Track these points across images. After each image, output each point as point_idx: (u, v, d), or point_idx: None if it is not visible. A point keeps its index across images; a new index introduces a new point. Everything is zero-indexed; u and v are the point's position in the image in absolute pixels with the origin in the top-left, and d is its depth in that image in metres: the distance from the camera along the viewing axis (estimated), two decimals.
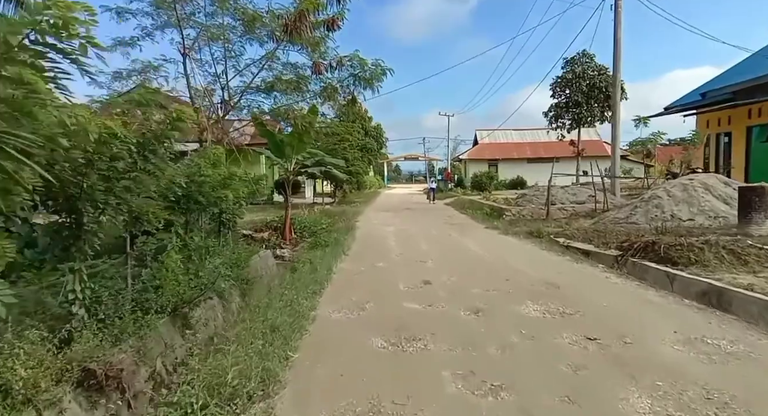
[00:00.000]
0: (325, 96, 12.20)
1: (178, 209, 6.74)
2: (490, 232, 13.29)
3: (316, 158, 14.95)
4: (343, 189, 30.99)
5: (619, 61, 18.35)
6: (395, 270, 8.11)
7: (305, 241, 14.61)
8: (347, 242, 11.24)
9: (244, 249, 8.87)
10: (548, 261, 8.82)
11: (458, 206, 22.97)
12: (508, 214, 17.21)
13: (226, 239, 8.73)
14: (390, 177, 77.03)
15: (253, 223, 15.88)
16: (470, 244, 10.86)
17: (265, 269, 9.68)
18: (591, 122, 34.18)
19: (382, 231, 13.93)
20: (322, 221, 17.24)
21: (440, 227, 14.67)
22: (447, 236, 12.56)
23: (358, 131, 27.70)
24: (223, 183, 7.47)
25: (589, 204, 17.58)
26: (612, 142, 18.77)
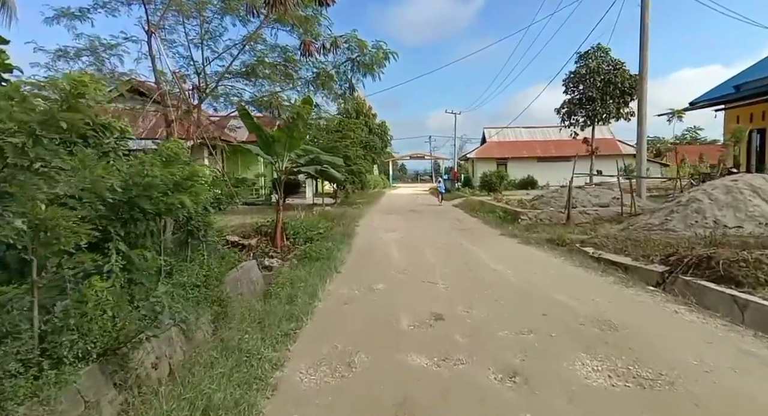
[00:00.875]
0: (318, 84, 10.47)
1: (116, 220, 5.04)
2: (507, 240, 11.51)
3: (310, 156, 13.28)
4: (345, 189, 29.30)
5: (645, 49, 16.49)
6: (397, 296, 6.36)
7: (298, 248, 12.95)
8: (342, 254, 9.50)
9: (220, 262, 7.17)
10: (586, 283, 7.04)
11: (468, 208, 21.18)
12: (524, 218, 15.44)
13: (198, 251, 7.05)
14: (395, 176, 75.28)
15: (244, 227, 14.25)
16: (486, 257, 9.09)
17: (247, 283, 8.13)
18: (606, 119, 32.28)
19: (384, 238, 12.19)
20: (319, 225, 15.58)
21: (449, 234, 12.91)
22: (458, 245, 10.81)
23: (361, 127, 25.96)
24: (179, 186, 5.71)
25: (614, 207, 15.77)
26: (638, 139, 16.93)
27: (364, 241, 11.71)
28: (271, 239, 12.77)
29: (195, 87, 9.26)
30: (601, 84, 31.33)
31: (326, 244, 10.40)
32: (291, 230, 13.55)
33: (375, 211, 21.69)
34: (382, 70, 10.54)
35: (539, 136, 42.24)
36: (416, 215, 19.29)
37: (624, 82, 31.03)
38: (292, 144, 12.11)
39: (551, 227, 14.54)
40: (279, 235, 12.49)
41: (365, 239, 12.13)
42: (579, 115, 32.91)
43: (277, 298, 6.12)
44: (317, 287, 6.66)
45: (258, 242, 13.06)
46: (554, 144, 40.73)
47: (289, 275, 7.39)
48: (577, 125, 33.30)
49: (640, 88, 16.70)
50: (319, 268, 8.00)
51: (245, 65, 8.96)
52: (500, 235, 12.60)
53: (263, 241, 13.21)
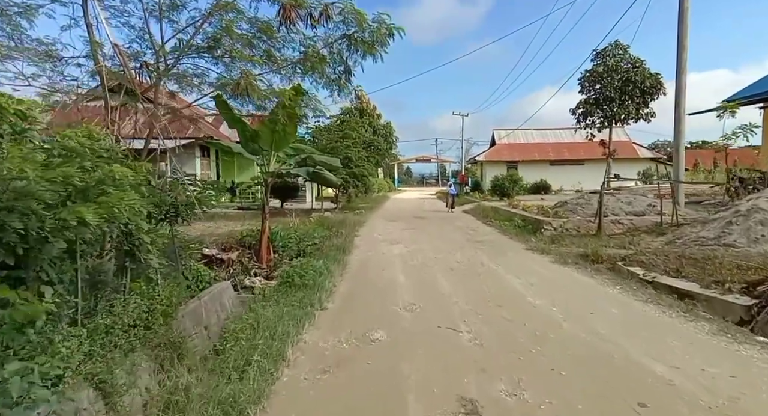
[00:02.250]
0: (307, 67, 8.39)
1: None
2: (536, 258, 9.38)
3: (302, 156, 11.23)
4: (348, 193, 27.23)
5: (684, 37, 14.34)
6: (404, 355, 4.23)
7: (287, 264, 10.89)
8: (332, 280, 7.38)
9: (175, 288, 5.12)
10: (670, 331, 4.88)
11: (480, 214, 19.02)
12: (547, 228, 13.30)
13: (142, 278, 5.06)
14: (400, 179, 73.15)
15: (231, 235, 12.20)
16: (518, 283, 6.97)
17: (217, 312, 6.23)
18: (625, 120, 30.04)
19: (386, 254, 10.07)
20: (315, 235, 13.55)
21: (464, 247, 10.78)
22: (477, 264, 8.68)
23: (364, 127, 23.89)
24: (83, 193, 3.71)
25: (650, 216, 13.62)
26: (675, 138, 14.74)
27: (363, 257, 9.60)
28: (256, 253, 10.76)
29: (144, 64, 7.18)
30: (619, 83, 29.12)
31: (316, 262, 8.31)
32: (280, 240, 11.54)
33: (378, 217, 19.58)
34: (385, 49, 8.47)
35: (551, 138, 40.01)
36: (424, 222, 17.15)
37: (644, 81, 28.81)
38: (279, 141, 10.12)
39: (580, 238, 12.47)
40: (265, 248, 10.47)
41: (364, 254, 10.02)
42: (596, 115, 30.71)
43: (224, 363, 4.01)
44: (288, 339, 4.54)
45: (240, 256, 11.03)
46: (567, 147, 38.49)
47: (256, 316, 5.27)
48: (594, 126, 31.08)
49: (678, 82, 14.54)
50: (300, 301, 5.90)
51: (209, 36, 6.90)
52: (525, 250, 10.46)
53: (246, 255, 11.18)
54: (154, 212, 6.68)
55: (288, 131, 9.87)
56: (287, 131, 9.86)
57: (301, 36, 8.14)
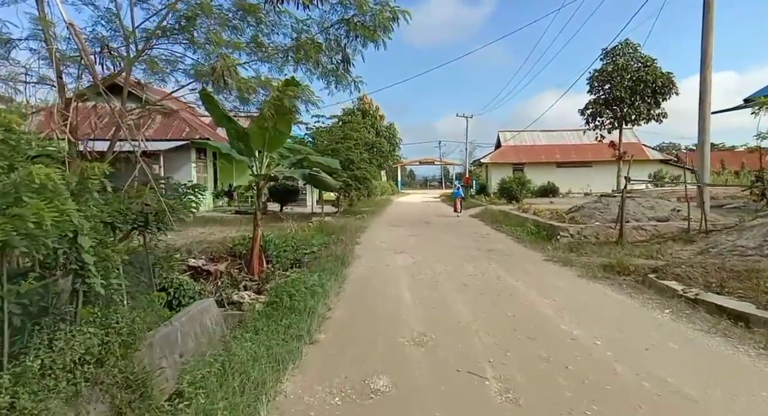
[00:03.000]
0: (299, 55, 7.32)
1: None
2: (559, 270, 8.26)
3: (297, 157, 10.16)
4: (349, 197, 26.15)
5: (710, 29, 13.22)
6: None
7: (280, 275, 9.83)
8: (329, 299, 6.26)
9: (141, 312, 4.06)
10: (752, 376, 3.79)
11: (489, 219, 17.88)
12: (563, 234, 12.19)
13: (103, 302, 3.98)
14: (404, 182, 72.02)
15: (220, 244, 11.13)
16: (546, 305, 5.85)
17: (192, 337, 5.66)
18: (635, 120, 28.88)
19: (390, 265, 8.96)
20: (313, 242, 12.48)
21: (477, 258, 9.66)
22: (494, 278, 7.56)
23: (366, 128, 22.81)
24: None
25: (675, 222, 12.48)
26: (699, 136, 13.59)
27: (364, 270, 8.48)
28: (247, 263, 9.70)
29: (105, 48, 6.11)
30: (630, 83, 27.97)
31: (310, 277, 7.22)
32: (274, 249, 10.46)
33: (381, 222, 18.47)
34: (389, 35, 7.39)
35: (558, 140, 38.83)
36: (429, 228, 16.03)
37: (656, 81, 27.66)
38: (272, 141, 9.07)
39: (600, 247, 11.37)
40: (256, 258, 9.41)
41: (365, 266, 8.91)
42: (605, 116, 29.55)
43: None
44: (264, 391, 3.43)
45: (229, 267, 9.95)
46: (574, 148, 37.32)
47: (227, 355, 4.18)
48: (603, 127, 29.92)
49: (703, 76, 13.39)
50: (286, 331, 4.80)
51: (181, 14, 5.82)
52: (544, 260, 9.34)
53: (236, 265, 10.11)
54: (118, 223, 5.62)
55: (281, 129, 8.82)
56: (280, 130, 8.81)
57: (293, 20, 7.09)
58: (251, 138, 9.15)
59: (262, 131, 8.85)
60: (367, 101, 32.93)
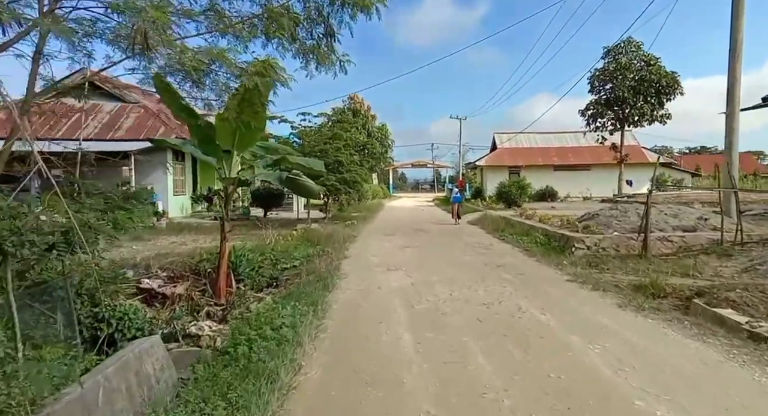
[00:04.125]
0: (270, 28, 5.71)
1: None
2: (589, 296, 6.69)
3: (274, 158, 8.53)
4: (339, 201, 24.50)
5: (740, 14, 11.79)
6: None
7: (252, 298, 8.27)
8: (303, 348, 4.59)
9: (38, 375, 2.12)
10: None
11: (490, 227, 16.30)
12: (579, 246, 10.67)
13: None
14: (395, 185, 70.40)
15: (189, 256, 9.47)
16: (596, 357, 4.26)
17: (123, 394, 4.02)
18: (638, 122, 27.53)
19: (383, 290, 7.32)
20: (296, 254, 10.86)
21: (487, 277, 8.07)
22: (514, 309, 5.97)
23: (357, 128, 21.19)
24: None
25: (704, 232, 11.00)
26: (727, 135, 12.14)
27: (351, 297, 6.82)
28: (212, 283, 8.04)
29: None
30: (633, 82, 26.61)
31: (282, 310, 5.60)
32: (247, 265, 8.80)
33: (372, 230, 16.83)
34: (384, 2, 5.81)
35: (555, 142, 37.43)
36: (426, 237, 14.42)
37: (660, 80, 26.33)
38: (243, 138, 7.47)
39: (623, 261, 9.89)
40: (223, 277, 7.75)
41: (353, 290, 7.24)
42: (607, 117, 28.18)
43: None
44: None
45: (190, 288, 8.30)
46: (572, 151, 35.96)
47: None
48: (605, 128, 28.54)
49: (732, 68, 11.95)
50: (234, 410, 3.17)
51: None
52: (568, 281, 7.76)
53: (199, 286, 8.46)
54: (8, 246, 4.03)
55: (253, 123, 7.22)
56: (252, 124, 7.21)
57: None
58: (217, 135, 7.55)
59: (230, 126, 7.25)
60: (358, 100, 31.32)
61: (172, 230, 16.61)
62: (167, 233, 15.75)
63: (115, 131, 18.88)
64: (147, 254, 11.44)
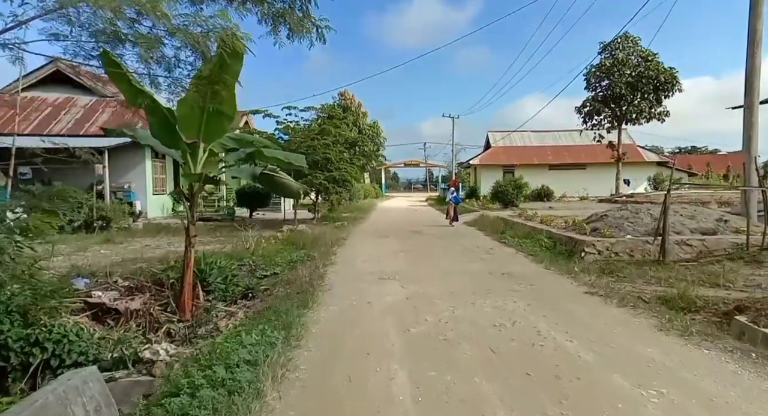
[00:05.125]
0: None
1: None
2: (618, 314, 5.56)
3: (247, 151, 7.28)
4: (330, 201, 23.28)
5: (761, 1, 10.75)
6: None
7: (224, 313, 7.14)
8: (263, 400, 3.41)
9: None
10: None
11: (489, 228, 15.17)
12: (589, 250, 9.59)
13: None
14: (388, 185, 69.18)
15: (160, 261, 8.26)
16: (652, 408, 3.16)
17: None
18: (636, 119, 26.57)
19: (373, 307, 6.13)
20: (277, 259, 9.67)
21: (493, 289, 6.92)
22: (535, 335, 4.80)
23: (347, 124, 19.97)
24: None
25: (726, 235, 9.94)
26: (746, 129, 11.09)
27: (334, 317, 5.61)
28: (176, 296, 6.78)
29: None
30: (631, 79, 25.63)
31: (245, 338, 4.41)
32: (219, 274, 7.57)
33: (364, 232, 15.64)
34: None
35: (550, 141, 36.45)
36: (422, 241, 13.25)
37: (658, 76, 25.37)
38: (210, 127, 6.27)
39: (639, 267, 8.83)
40: (188, 289, 6.49)
41: (337, 307, 6.04)
42: (603, 114, 27.19)
43: None
44: None
45: (149, 302, 7.04)
46: (567, 150, 34.99)
47: None
48: (602, 126, 27.55)
49: (751, 57, 10.91)
50: None
51: None
52: (586, 293, 6.63)
53: (161, 299, 7.21)
54: None
55: (221, 108, 6.04)
56: (220, 110, 6.03)
57: None
58: (180, 124, 6.33)
59: (195, 113, 6.05)
60: (348, 97, 30.15)
61: (148, 232, 15.31)
62: (143, 235, 14.47)
63: (89, 126, 17.53)
64: (114, 259, 10.19)
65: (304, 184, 16.44)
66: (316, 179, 15.67)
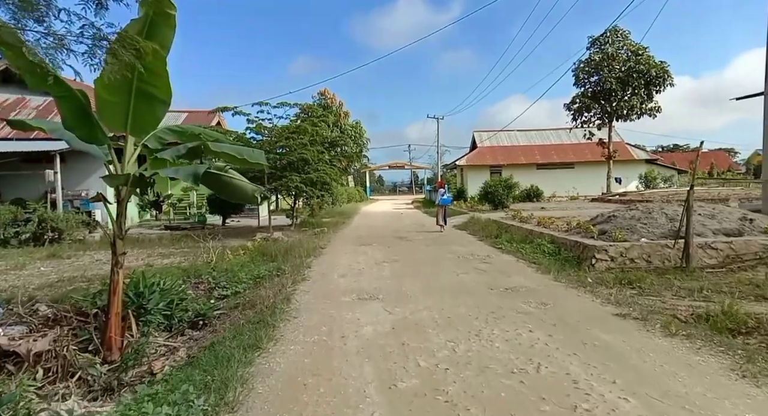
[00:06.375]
0: None
1: None
2: (671, 349, 4.18)
3: (188, 145, 5.69)
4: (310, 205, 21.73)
5: None
6: None
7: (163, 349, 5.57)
8: None
9: None
10: None
11: (481, 232, 13.79)
12: (600, 257, 8.26)
13: None
14: (372, 188, 67.68)
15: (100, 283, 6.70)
16: None
17: None
18: (627, 115, 25.49)
19: (349, 343, 4.67)
20: (242, 274, 8.17)
21: (501, 313, 5.51)
22: (568, 383, 3.43)
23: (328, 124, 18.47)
24: None
25: (754, 236, 8.68)
26: (765, 120, 9.89)
27: (293, 361, 4.08)
28: (101, 328, 5.19)
29: None
30: (621, 73, 24.56)
31: (156, 409, 2.92)
32: (160, 298, 6.00)
33: (344, 239, 14.15)
34: None
35: (537, 140, 35.37)
36: (409, 248, 11.81)
37: (649, 71, 24.34)
38: (140, 115, 4.75)
39: (661, 276, 7.58)
40: (115, 321, 4.88)
41: (300, 345, 4.53)
42: (593, 111, 26.07)
43: None
44: None
45: (63, 339, 5.48)
46: (554, 149, 33.93)
47: None
48: (592, 123, 26.45)
49: None
50: None
51: None
52: (618, 317, 5.23)
53: (83, 332, 5.65)
54: None
55: (152, 89, 4.59)
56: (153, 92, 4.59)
57: None
58: (99, 111, 4.84)
59: (118, 95, 4.57)
60: (329, 95, 28.67)
61: (105, 244, 13.58)
62: (98, 248, 12.79)
63: None
64: (50, 278, 8.60)
65: (278, 187, 14.91)
66: (292, 181, 14.16)
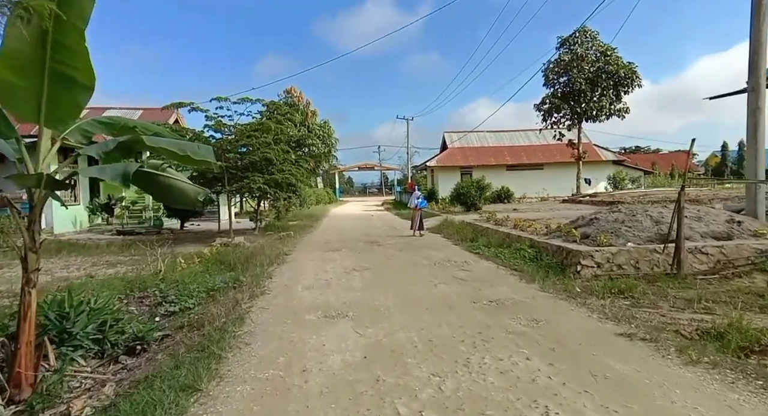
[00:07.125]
0: None
1: None
2: (689, 380, 3.51)
3: (119, 139, 4.63)
4: (276, 208, 20.66)
5: None
6: None
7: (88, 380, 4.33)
8: None
9: None
10: None
11: (456, 236, 13.07)
12: (586, 263, 7.66)
13: None
14: (342, 189, 66.62)
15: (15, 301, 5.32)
16: None
17: None
18: (596, 116, 25.40)
19: (310, 380, 3.81)
20: (193, 286, 7.16)
21: (488, 334, 4.75)
22: None
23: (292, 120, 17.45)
24: None
25: (744, 239, 8.23)
26: (750, 117, 9.51)
27: (239, 409, 3.22)
28: (8, 359, 4.07)
29: None
30: (590, 74, 24.46)
31: None
32: (87, 321, 4.93)
33: (312, 244, 13.20)
34: None
35: (507, 141, 35.18)
36: (382, 254, 10.96)
37: (618, 71, 24.31)
38: (58, 104, 3.71)
39: (651, 283, 7.07)
40: (26, 351, 3.79)
41: (252, 381, 3.64)
42: (563, 111, 25.89)
43: None
44: None
45: None
46: (524, 150, 33.79)
47: None
48: (563, 124, 26.27)
49: (756, 32, 9.34)
50: None
51: None
52: (621, 336, 4.53)
53: None
54: None
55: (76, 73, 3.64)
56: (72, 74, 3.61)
57: None
58: (4, 98, 3.86)
59: (27, 77, 3.60)
60: (296, 94, 27.57)
61: (46, 252, 12.19)
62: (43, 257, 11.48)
63: None
64: None
65: (240, 188, 13.86)
66: (255, 182, 13.13)
